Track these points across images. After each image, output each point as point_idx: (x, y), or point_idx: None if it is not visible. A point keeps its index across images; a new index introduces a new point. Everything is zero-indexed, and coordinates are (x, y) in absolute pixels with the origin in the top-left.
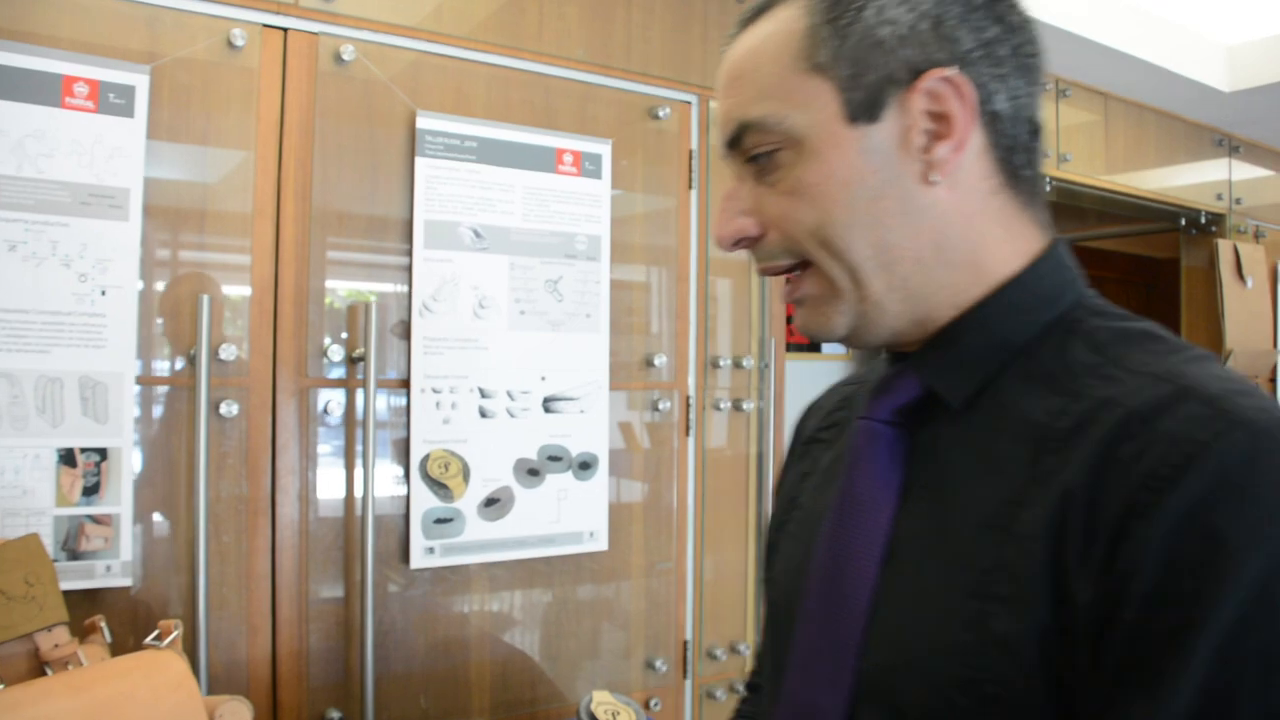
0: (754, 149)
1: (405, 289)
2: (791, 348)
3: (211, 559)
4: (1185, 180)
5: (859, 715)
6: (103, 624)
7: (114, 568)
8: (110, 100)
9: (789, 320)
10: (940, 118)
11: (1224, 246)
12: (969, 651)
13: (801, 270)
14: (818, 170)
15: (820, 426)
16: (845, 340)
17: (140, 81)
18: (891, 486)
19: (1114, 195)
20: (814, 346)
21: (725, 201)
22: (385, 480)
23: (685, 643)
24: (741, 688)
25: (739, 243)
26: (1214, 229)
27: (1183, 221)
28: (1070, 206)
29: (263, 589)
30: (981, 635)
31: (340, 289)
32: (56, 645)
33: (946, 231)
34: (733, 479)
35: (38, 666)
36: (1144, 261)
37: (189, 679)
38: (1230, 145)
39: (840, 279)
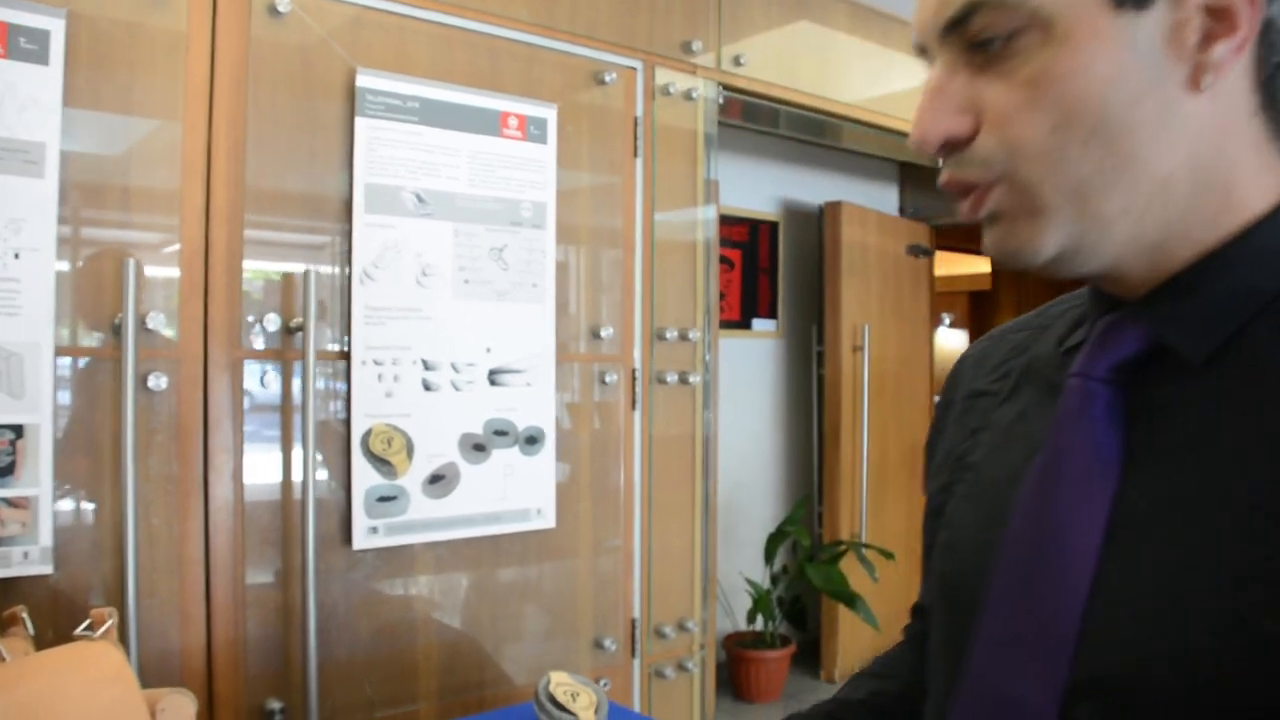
0: (985, 31)
1: (345, 256)
2: (723, 324)
3: (140, 543)
4: None
5: (1074, 713)
6: (24, 615)
7: (32, 554)
8: (21, 45)
9: (721, 296)
10: (1219, 13)
11: None
12: (1228, 652)
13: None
14: (1070, 60)
15: (991, 378)
16: (1048, 267)
17: (55, 26)
18: (1112, 455)
19: None
20: (744, 324)
21: (931, 97)
22: (325, 458)
23: (634, 621)
24: (692, 665)
25: (943, 146)
26: None
27: None
28: None
29: (196, 574)
30: (1246, 635)
31: (275, 256)
32: None
33: (1201, 151)
34: (679, 454)
35: None
36: None
37: (126, 671)
38: None
39: (1056, 192)
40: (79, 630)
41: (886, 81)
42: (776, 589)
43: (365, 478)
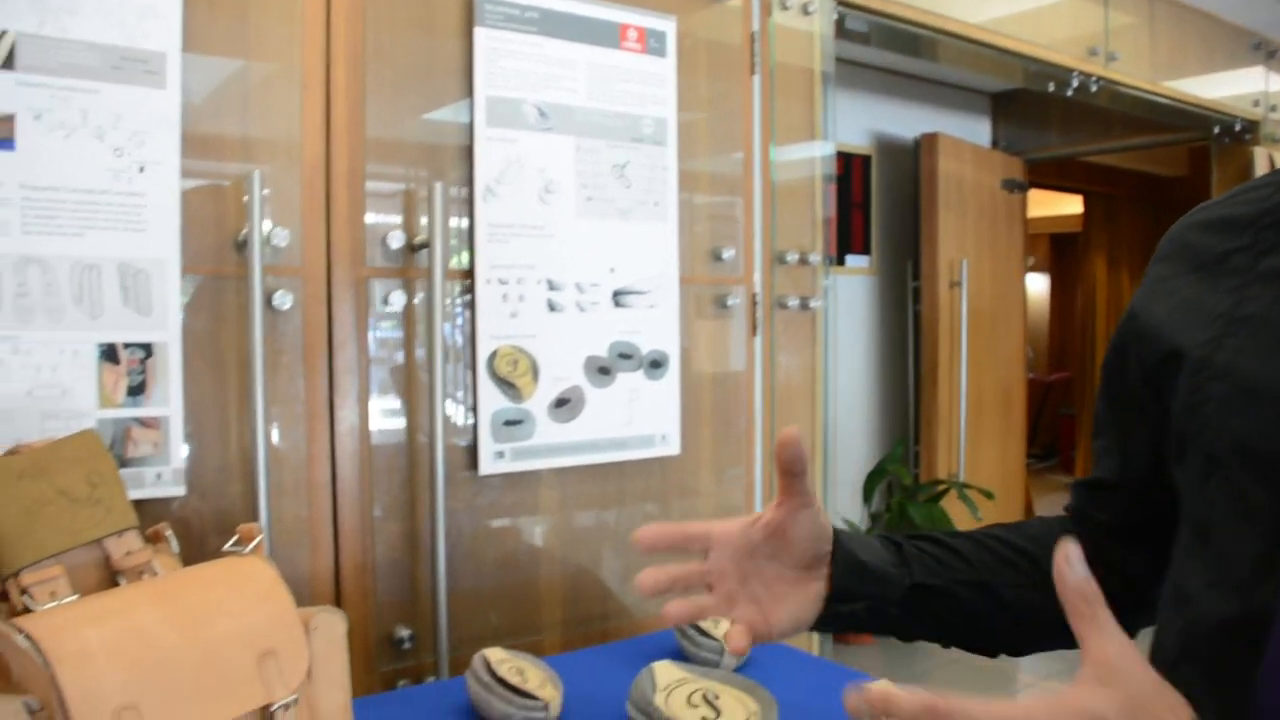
0: None
1: (467, 172)
2: None
3: (269, 467)
4: (1222, 90)
5: None
6: (168, 533)
7: (164, 475)
8: None
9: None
10: None
11: (1259, 154)
12: None
13: None
14: None
15: (1242, 238)
16: None
17: None
18: None
19: (1156, 99)
20: (838, 260)
21: None
22: (451, 380)
23: None
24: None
25: None
26: (1248, 136)
27: (1217, 129)
28: (1095, 114)
29: (323, 498)
30: None
31: (397, 172)
32: (129, 552)
33: None
34: (798, 383)
35: (109, 576)
36: (1153, 180)
37: (281, 587)
38: (1268, 51)
39: None
40: (227, 546)
41: (992, 4)
42: (875, 529)
43: (491, 401)
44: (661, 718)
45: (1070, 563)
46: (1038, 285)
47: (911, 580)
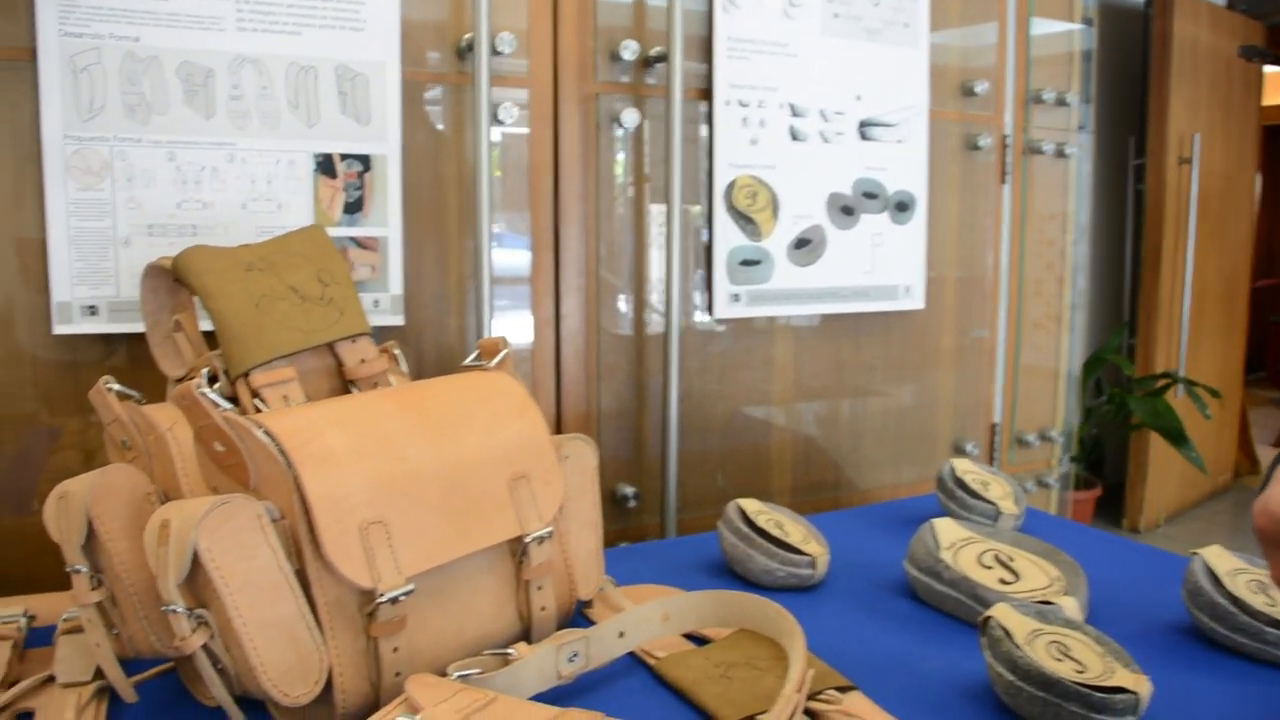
0: None
1: None
2: None
3: (493, 299)
4: None
5: None
6: (397, 351)
7: (382, 302)
8: None
9: None
10: None
11: None
12: None
13: None
14: None
15: None
16: None
17: None
18: None
19: None
20: None
21: None
22: (683, 210)
23: (994, 425)
24: (1053, 481)
25: None
26: None
27: None
28: None
29: (546, 336)
30: None
31: None
32: (363, 360)
33: None
34: (1047, 238)
35: (341, 386)
36: None
37: (532, 407)
38: None
39: None
40: (468, 361)
41: None
42: (1088, 427)
43: (728, 237)
44: (953, 576)
45: None
46: None
47: None
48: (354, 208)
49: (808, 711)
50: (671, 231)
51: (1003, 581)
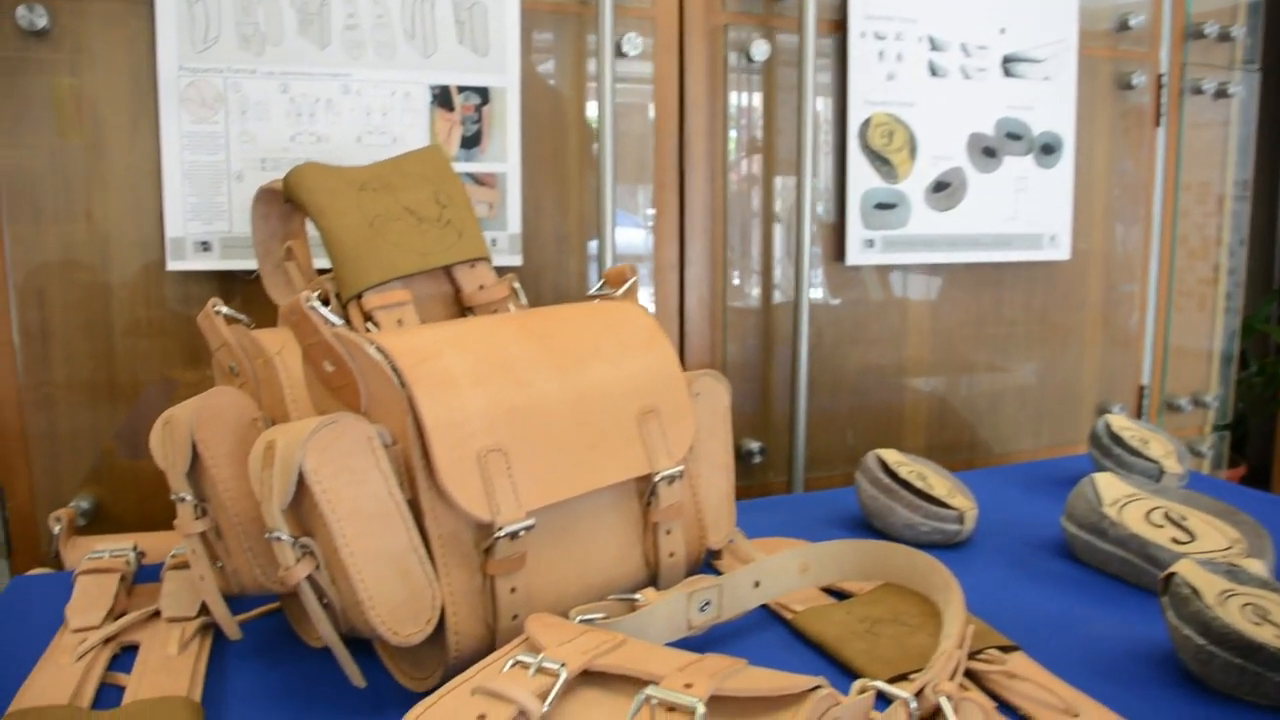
0: None
1: None
2: None
3: (614, 241)
4: None
5: None
6: (516, 285)
7: (500, 241)
8: None
9: None
10: None
11: None
12: None
13: None
14: None
15: None
16: None
17: None
18: None
19: None
20: None
21: None
22: (817, 149)
23: (1142, 388)
24: (1206, 449)
25: None
26: None
27: None
28: None
29: (670, 281)
30: None
31: None
32: (482, 286)
33: None
34: (1200, 189)
35: (459, 313)
36: None
37: (662, 338)
38: None
39: None
40: (593, 291)
41: None
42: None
43: (862, 178)
44: (1120, 533)
45: None
46: None
47: None
48: (471, 142)
49: (968, 672)
50: (803, 169)
51: (1176, 541)
